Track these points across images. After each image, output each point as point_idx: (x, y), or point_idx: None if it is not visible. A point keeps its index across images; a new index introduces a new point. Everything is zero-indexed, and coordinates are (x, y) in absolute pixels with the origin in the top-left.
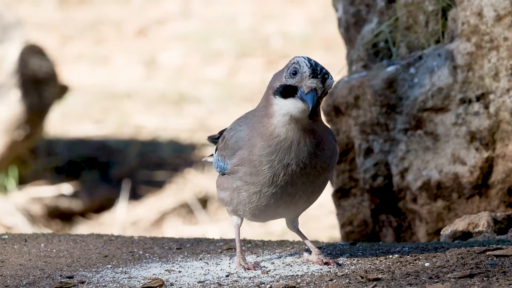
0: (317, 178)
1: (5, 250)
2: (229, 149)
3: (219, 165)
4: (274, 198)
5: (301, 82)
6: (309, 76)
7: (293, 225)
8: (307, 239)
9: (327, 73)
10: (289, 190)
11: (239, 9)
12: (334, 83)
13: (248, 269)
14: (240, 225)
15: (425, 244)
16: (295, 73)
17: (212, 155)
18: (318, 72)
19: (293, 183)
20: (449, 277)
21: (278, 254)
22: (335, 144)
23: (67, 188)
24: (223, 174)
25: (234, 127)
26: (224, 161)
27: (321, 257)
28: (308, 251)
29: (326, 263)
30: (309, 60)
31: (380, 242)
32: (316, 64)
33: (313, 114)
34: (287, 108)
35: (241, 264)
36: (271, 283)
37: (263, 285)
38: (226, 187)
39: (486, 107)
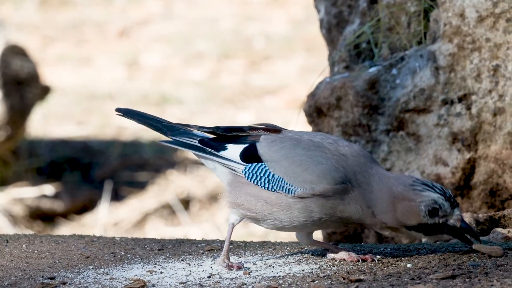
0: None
1: None
2: (313, 175)
3: (272, 182)
4: (312, 226)
5: (445, 217)
6: (451, 208)
7: (309, 239)
8: (326, 243)
9: (455, 198)
10: (333, 224)
11: (221, 10)
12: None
13: (232, 267)
14: (236, 225)
15: (407, 245)
16: (435, 212)
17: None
18: (453, 200)
19: (342, 222)
20: (431, 278)
21: (260, 255)
22: None
23: (49, 189)
24: (271, 191)
25: (315, 156)
26: (292, 184)
27: (352, 254)
28: (331, 251)
29: (364, 259)
30: (439, 193)
31: (362, 243)
32: (447, 192)
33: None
34: (424, 238)
35: (225, 262)
36: (253, 284)
37: (245, 286)
38: (270, 203)
39: (468, 108)
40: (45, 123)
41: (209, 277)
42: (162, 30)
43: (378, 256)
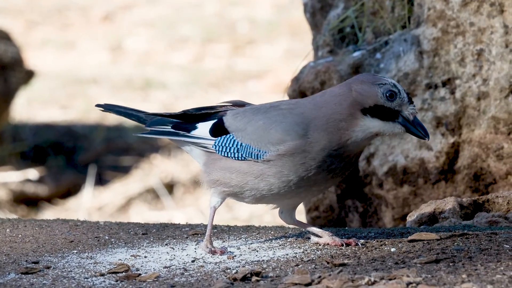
0: (335, 182)
1: None
2: (275, 137)
3: (241, 151)
4: (293, 191)
5: (401, 107)
6: (408, 102)
7: (291, 217)
8: (311, 226)
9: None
10: (312, 188)
11: None
12: None
13: (215, 253)
14: (218, 208)
15: (391, 229)
16: (393, 95)
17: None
18: (411, 98)
19: (320, 183)
20: (415, 263)
21: (244, 240)
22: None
23: (33, 173)
24: (241, 159)
25: (273, 113)
26: (258, 148)
27: (336, 238)
28: (315, 235)
29: (348, 244)
30: (398, 84)
31: (346, 228)
32: (405, 91)
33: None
34: (379, 128)
35: (208, 247)
36: (237, 268)
37: (229, 270)
38: (243, 172)
39: (452, 92)
40: (29, 107)
41: (193, 261)
42: (146, 14)
43: (361, 241)
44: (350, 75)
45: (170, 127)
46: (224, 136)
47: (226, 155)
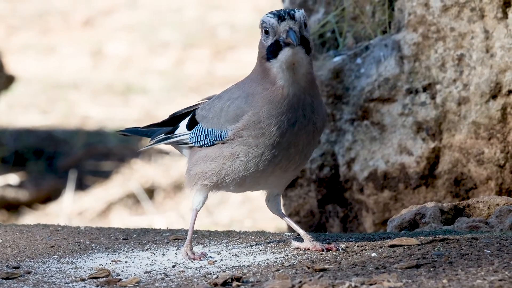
0: (313, 138)
1: None
2: (229, 116)
3: (209, 136)
4: (272, 163)
5: (277, 34)
6: (278, 23)
7: (277, 208)
8: (295, 224)
9: (291, 9)
10: (289, 152)
11: None
12: (303, 13)
13: (194, 259)
14: (199, 210)
15: (371, 234)
16: (267, 31)
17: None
18: (284, 14)
19: (295, 144)
20: (395, 268)
21: (224, 245)
22: (326, 108)
23: (13, 178)
24: (211, 145)
25: (226, 96)
26: (220, 130)
27: (316, 243)
28: (297, 239)
29: (328, 249)
30: (271, 12)
31: (327, 233)
32: (278, 10)
33: (308, 48)
34: (285, 61)
35: (187, 254)
36: (217, 274)
37: (209, 275)
38: (215, 156)
39: (433, 97)
40: (10, 112)
41: (173, 266)
42: (127, 19)
43: (342, 246)
44: (331, 80)
45: (163, 135)
46: (196, 126)
47: (199, 144)
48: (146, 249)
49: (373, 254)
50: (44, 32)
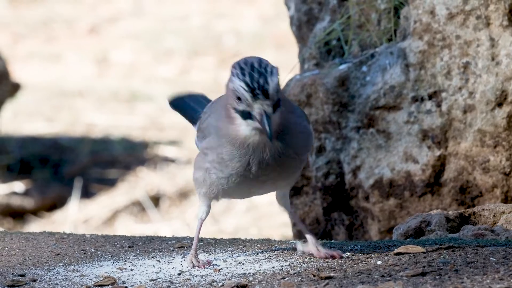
0: (291, 163)
1: None
2: (201, 132)
3: (196, 142)
4: (244, 184)
5: (249, 107)
6: (252, 100)
7: (285, 203)
8: (303, 225)
9: (265, 80)
10: (260, 178)
11: (191, 7)
12: (278, 77)
13: (199, 267)
14: (204, 219)
15: (377, 242)
16: (239, 98)
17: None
18: (257, 89)
19: (264, 173)
20: (401, 276)
21: (230, 253)
22: (307, 124)
23: (19, 186)
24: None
25: (207, 110)
26: (196, 138)
27: (320, 248)
28: (303, 244)
29: (332, 256)
30: (244, 80)
31: (332, 240)
32: (252, 78)
33: (271, 133)
34: (249, 126)
35: (192, 262)
36: (223, 281)
37: (215, 283)
38: (200, 166)
39: (439, 105)
40: (15, 120)
41: (179, 274)
42: (132, 27)
43: (347, 254)
44: (336, 88)
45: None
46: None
47: (198, 148)
48: (152, 257)
49: (378, 262)
50: (49, 40)
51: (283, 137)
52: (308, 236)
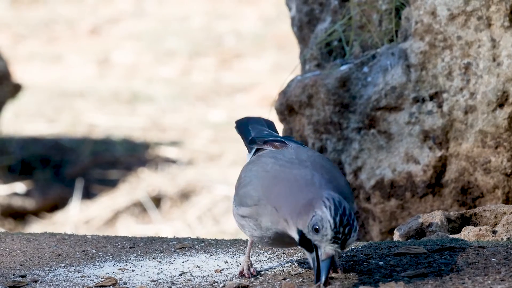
0: None
1: None
2: (238, 196)
3: (235, 197)
4: (277, 244)
5: (320, 242)
6: (330, 240)
7: None
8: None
9: (349, 232)
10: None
11: (192, 8)
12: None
13: (246, 277)
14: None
15: (378, 243)
16: (317, 230)
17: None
18: (341, 235)
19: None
20: (402, 276)
21: (231, 253)
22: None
23: (20, 187)
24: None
25: (251, 175)
26: (235, 202)
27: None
28: None
29: (335, 271)
30: (334, 218)
31: None
32: (341, 223)
33: (326, 280)
34: (306, 254)
35: (243, 268)
36: (224, 282)
37: (216, 284)
38: (237, 220)
39: (440, 106)
40: (16, 121)
41: (180, 275)
42: (133, 28)
43: (349, 254)
44: (337, 88)
45: (248, 150)
46: None
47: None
48: (153, 258)
49: (380, 263)
50: (51, 41)
51: None
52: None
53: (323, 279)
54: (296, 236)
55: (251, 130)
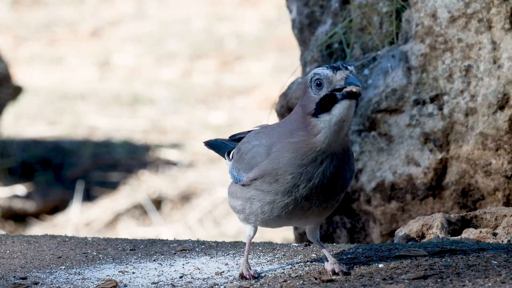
0: (332, 197)
1: None
2: (245, 164)
3: (233, 175)
4: (286, 210)
5: (331, 84)
6: (334, 73)
7: (313, 236)
8: (324, 248)
9: (343, 63)
10: (302, 204)
11: (193, 10)
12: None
13: (247, 278)
14: (253, 237)
15: (379, 245)
16: (320, 83)
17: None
18: (337, 65)
19: (308, 198)
20: (403, 279)
21: (232, 256)
22: (354, 167)
23: (20, 189)
24: (236, 183)
25: (251, 141)
26: (238, 173)
27: (335, 266)
28: (326, 259)
29: (336, 273)
30: (320, 66)
31: (334, 243)
32: (333, 66)
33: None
34: (338, 115)
35: (242, 271)
36: (224, 285)
37: (216, 286)
38: (238, 196)
39: (440, 108)
40: (17, 123)
41: (181, 277)
42: (134, 30)
43: (349, 256)
44: None
45: (226, 154)
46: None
47: (231, 178)
48: (154, 260)
49: (380, 265)
50: (52, 43)
51: (337, 164)
52: (328, 255)
53: (358, 84)
54: (314, 106)
55: (218, 141)
